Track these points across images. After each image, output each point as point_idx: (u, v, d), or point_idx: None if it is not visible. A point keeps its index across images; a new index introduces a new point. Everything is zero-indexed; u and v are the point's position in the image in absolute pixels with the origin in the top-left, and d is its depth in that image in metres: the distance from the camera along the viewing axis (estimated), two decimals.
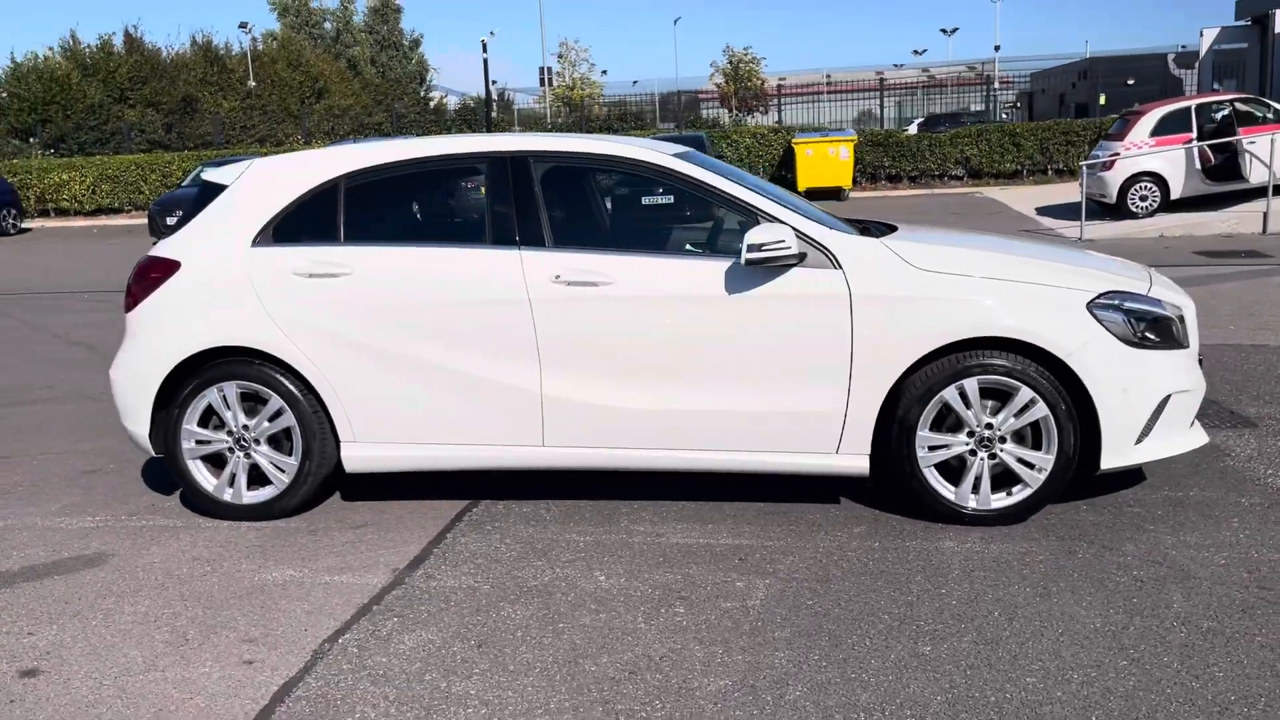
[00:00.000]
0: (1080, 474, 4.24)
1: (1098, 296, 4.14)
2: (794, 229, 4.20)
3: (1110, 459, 4.15)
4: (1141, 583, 3.64)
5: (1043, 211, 17.99)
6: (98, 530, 4.56)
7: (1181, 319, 4.32)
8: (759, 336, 4.20)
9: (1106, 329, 4.09)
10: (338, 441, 4.51)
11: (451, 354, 4.36)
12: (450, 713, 2.96)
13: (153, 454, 4.65)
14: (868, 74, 46.91)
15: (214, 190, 4.73)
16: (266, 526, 4.52)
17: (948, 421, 4.20)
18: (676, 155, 4.49)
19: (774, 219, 4.24)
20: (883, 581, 3.73)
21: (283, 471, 4.54)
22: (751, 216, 4.27)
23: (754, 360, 4.22)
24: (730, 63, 40.29)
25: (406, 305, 4.37)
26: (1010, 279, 4.15)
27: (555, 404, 4.33)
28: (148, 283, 4.61)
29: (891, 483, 4.35)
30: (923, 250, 4.27)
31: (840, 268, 4.18)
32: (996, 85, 40.48)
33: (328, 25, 56.30)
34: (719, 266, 4.22)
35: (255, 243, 4.54)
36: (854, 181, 22.89)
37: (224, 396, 4.51)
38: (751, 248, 4.05)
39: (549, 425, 4.36)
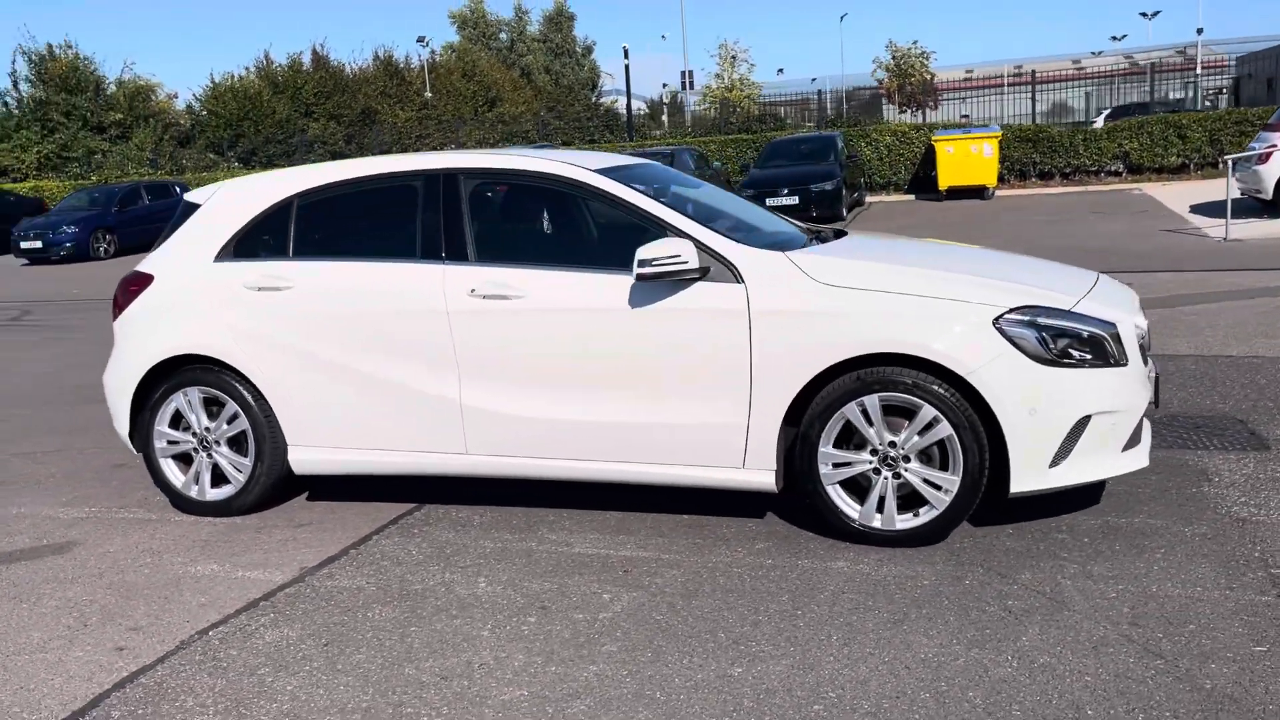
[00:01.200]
0: (990, 497, 4.06)
1: (1007, 312, 3.95)
2: (700, 243, 4.20)
3: (1020, 482, 3.96)
4: (1008, 613, 3.48)
5: (1196, 209, 16.83)
6: (84, 520, 5.01)
7: (1117, 336, 4.07)
8: (662, 350, 4.22)
9: (1015, 346, 3.91)
10: (287, 445, 4.79)
11: (382, 364, 4.57)
12: (258, 706, 3.15)
13: (134, 452, 5.06)
14: (1063, 63, 44.71)
15: (192, 209, 5.10)
16: (222, 522, 4.85)
17: (854, 439, 4.11)
18: (601, 169, 4.55)
19: (681, 233, 4.24)
20: (746, 600, 3.70)
21: (240, 472, 4.86)
22: (660, 230, 4.29)
23: (658, 373, 4.24)
24: (894, 58, 39.30)
25: (341, 317, 4.61)
26: (914, 294, 4.02)
27: (474, 413, 4.48)
28: (128, 294, 5.03)
29: (799, 499, 4.28)
30: (827, 264, 4.19)
31: (742, 282, 4.16)
32: (1199, 70, 37.88)
33: (503, 36, 58.23)
34: (626, 281, 4.26)
35: (217, 258, 4.88)
36: (1001, 179, 21.99)
37: (189, 401, 4.87)
38: (641, 263, 4.08)
39: (470, 434, 4.51)
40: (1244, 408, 5.66)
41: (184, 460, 4.98)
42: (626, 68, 31.76)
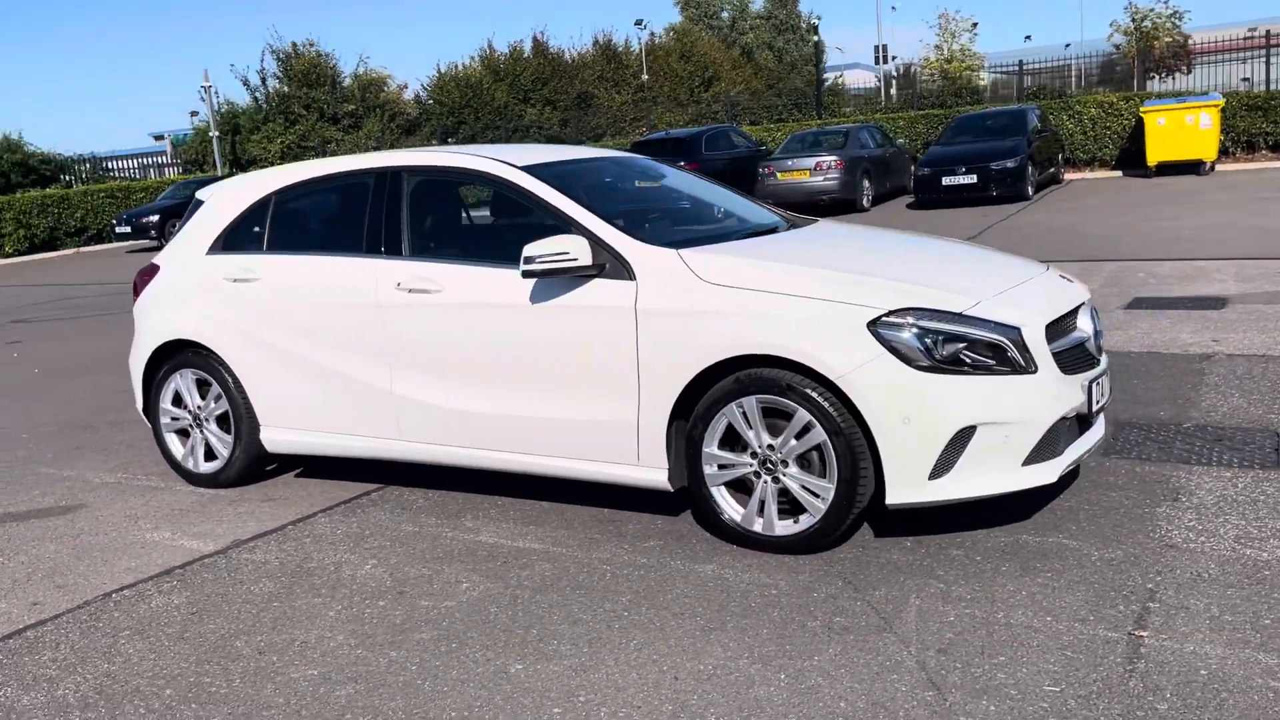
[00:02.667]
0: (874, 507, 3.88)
1: (885, 314, 3.74)
2: (598, 239, 4.21)
3: (897, 494, 3.76)
4: (824, 630, 3.34)
5: None
6: (109, 486, 5.59)
7: (1020, 342, 3.77)
8: (560, 346, 4.27)
9: (891, 350, 3.70)
10: (259, 425, 5.17)
11: (331, 353, 4.85)
12: (93, 667, 3.48)
13: (149, 425, 5.60)
14: None
15: (198, 206, 5.56)
16: (209, 493, 5.30)
17: (740, 440, 4.02)
18: (529, 165, 4.61)
19: (583, 229, 4.26)
20: (589, 597, 3.72)
21: (224, 448, 5.29)
22: (565, 226, 4.33)
23: (557, 369, 4.30)
24: (1133, 20, 36.39)
25: (298, 307, 4.93)
26: (793, 294, 3.88)
27: (403, 402, 4.69)
28: (141, 284, 5.56)
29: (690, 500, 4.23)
30: (717, 262, 4.10)
31: (634, 279, 4.14)
32: None
33: (725, 14, 58.15)
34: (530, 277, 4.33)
35: (209, 251, 5.31)
36: (1225, 152, 20.07)
37: (184, 381, 5.34)
38: (527, 259, 4.14)
39: (401, 422, 4.72)
40: None
41: (184, 435, 5.46)
42: (816, 44, 31.10)
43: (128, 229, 26.38)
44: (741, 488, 4.05)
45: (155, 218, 26.10)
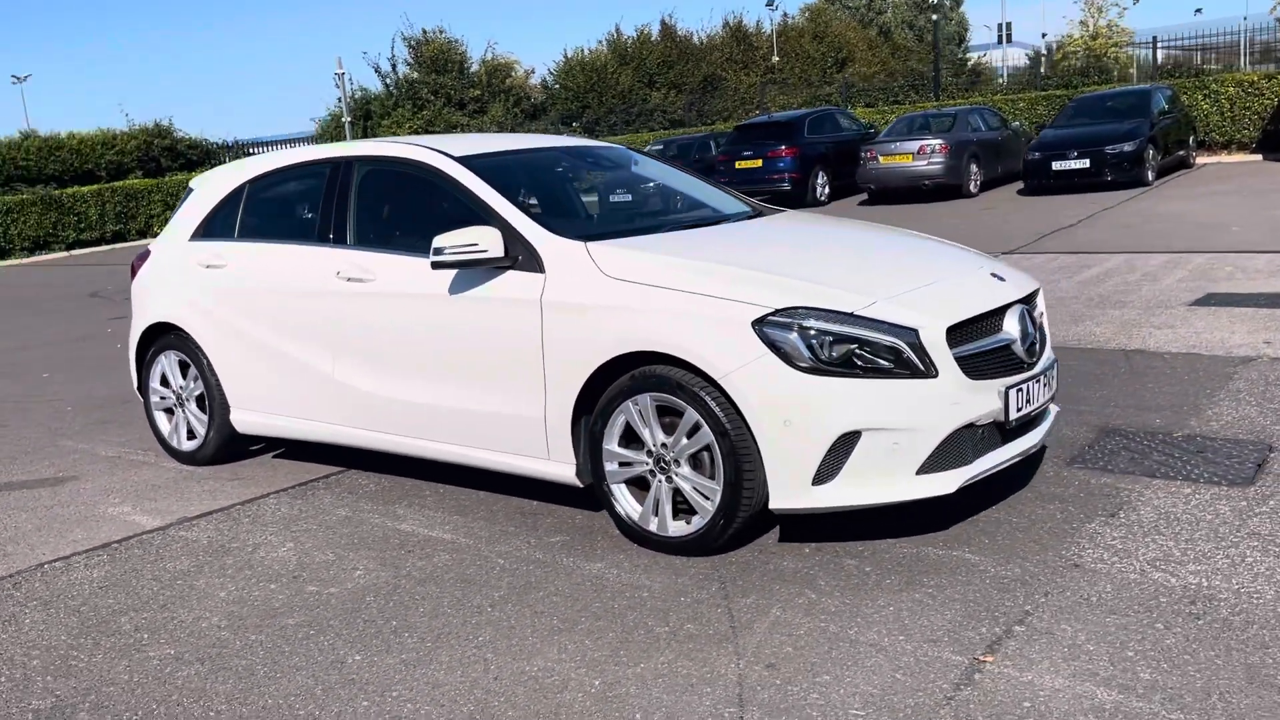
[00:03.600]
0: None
1: (771, 313, 3.60)
2: (514, 231, 4.20)
3: (780, 499, 3.64)
4: (669, 636, 3.26)
5: None
6: (103, 459, 5.89)
7: (918, 345, 3.58)
8: (475, 337, 4.28)
9: (774, 349, 3.57)
10: (230, 406, 5.35)
11: (285, 338, 4.99)
12: None
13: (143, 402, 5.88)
14: None
15: (189, 194, 5.78)
16: (187, 469, 5.52)
17: (640, 438, 3.96)
18: (465, 155, 4.62)
19: (501, 220, 4.26)
20: (465, 591, 3.73)
21: (201, 427, 5.50)
22: (486, 216, 4.32)
23: (474, 360, 4.31)
24: None
25: (258, 294, 5.08)
26: (684, 290, 3.78)
27: (343, 388, 4.78)
28: (136, 267, 5.82)
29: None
30: (619, 256, 4.02)
31: (544, 271, 4.11)
32: None
33: None
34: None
35: (191, 238, 5.52)
36: None
37: (168, 362, 5.58)
38: (436, 250, 4.15)
39: (344, 408, 4.82)
40: None
41: (170, 414, 5.70)
42: (935, 21, 29.97)
43: None
44: (645, 486, 3.97)
45: None
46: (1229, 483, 4.20)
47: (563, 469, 4.14)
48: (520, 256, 4.15)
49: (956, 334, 3.68)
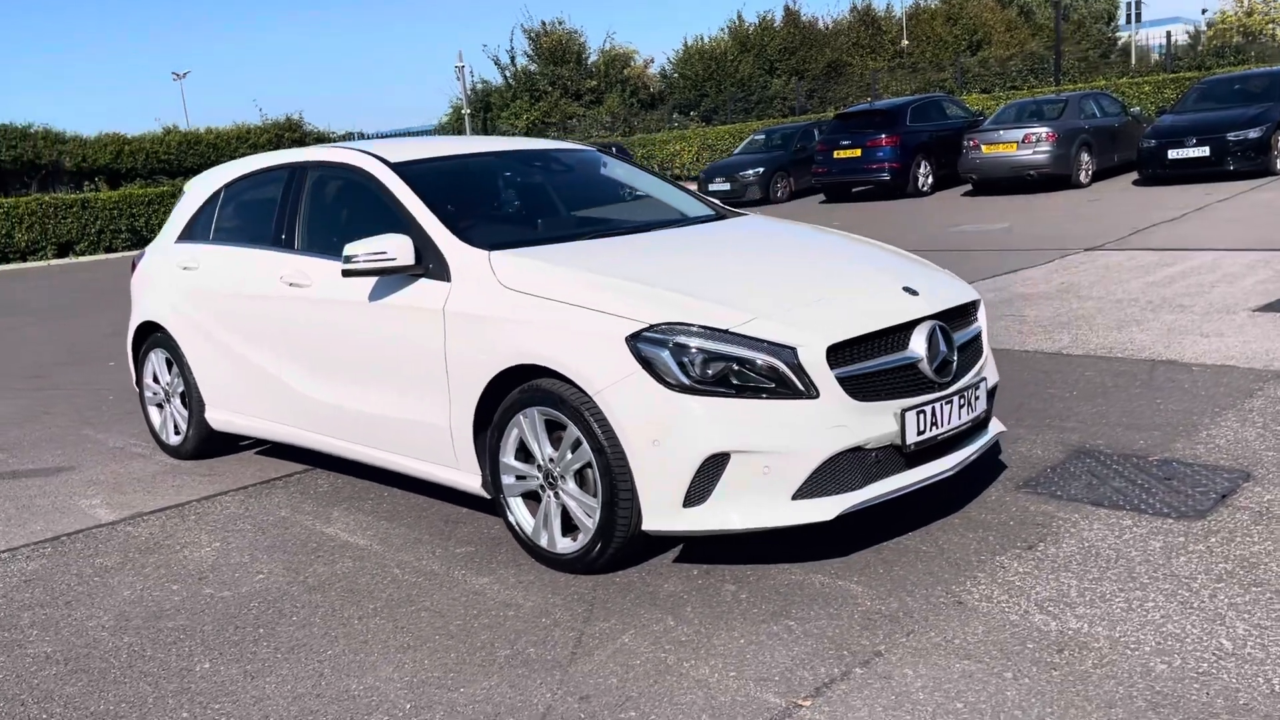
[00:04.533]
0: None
1: (645, 329, 3.49)
2: (428, 239, 4.19)
3: (652, 520, 3.53)
4: (488, 657, 3.20)
5: None
6: (108, 450, 6.15)
7: (796, 364, 3.42)
8: (391, 344, 4.29)
9: (646, 366, 3.46)
10: (205, 404, 5.52)
11: (241, 340, 5.11)
12: None
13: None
14: None
15: (181, 196, 5.98)
16: (170, 463, 5.73)
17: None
18: (399, 162, 4.62)
19: (418, 228, 4.25)
20: (348, 600, 3.74)
21: (184, 423, 5.69)
22: (406, 223, 4.32)
23: (390, 367, 4.32)
24: None
25: (220, 296, 5.22)
26: (571, 303, 3.70)
27: (288, 390, 4.87)
28: (134, 268, 6.05)
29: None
30: (518, 266, 3.96)
31: (450, 281, 4.09)
32: None
33: None
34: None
35: (178, 239, 5.71)
36: None
37: (158, 359, 5.79)
38: (346, 258, 4.17)
39: (291, 409, 4.91)
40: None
41: (160, 408, 5.91)
42: (1056, 2, 28.50)
43: None
44: (540, 500, 3.91)
45: None
46: (1178, 515, 3.87)
47: (470, 479, 4.11)
48: (432, 265, 4.13)
49: (843, 352, 3.49)
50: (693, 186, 4.94)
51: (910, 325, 3.67)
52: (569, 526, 3.78)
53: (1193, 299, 7.81)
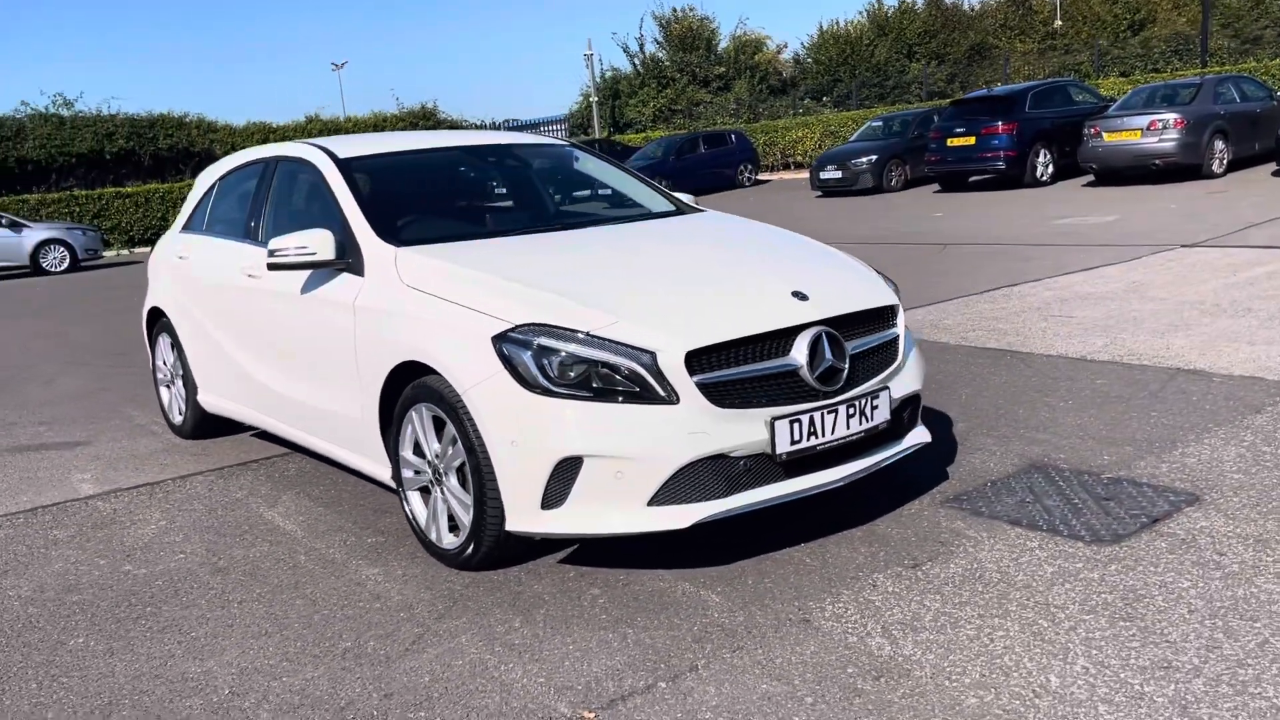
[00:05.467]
0: None
1: (511, 329, 3.48)
2: (351, 234, 4.29)
3: (514, 520, 3.53)
4: (321, 649, 3.26)
5: None
6: (127, 427, 6.51)
7: (655, 368, 3.36)
8: (319, 336, 4.41)
9: (509, 366, 3.46)
10: (197, 387, 5.79)
11: (216, 328, 5.34)
12: None
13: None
14: None
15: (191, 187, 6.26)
16: (172, 442, 6.03)
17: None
18: (347, 158, 4.72)
19: (346, 223, 4.35)
20: (242, 585, 3.87)
21: (184, 404, 5.99)
22: (339, 218, 4.43)
23: (317, 357, 4.44)
24: None
25: (201, 285, 5.46)
26: (452, 301, 3.72)
27: (250, 377, 5.06)
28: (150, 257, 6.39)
29: None
30: (418, 263, 4.01)
31: (363, 276, 4.18)
32: None
33: None
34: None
35: (180, 230, 6.00)
36: None
37: (164, 343, 6.10)
38: (270, 252, 4.29)
39: (253, 395, 5.11)
40: (1236, 484, 4.00)
41: (167, 389, 6.22)
42: None
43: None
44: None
45: None
46: (1092, 540, 3.63)
47: (382, 470, 4.19)
48: (351, 260, 4.22)
49: (708, 358, 3.40)
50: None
51: (793, 331, 3.54)
52: (456, 523, 3.81)
53: (1263, 303, 7.27)
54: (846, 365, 3.62)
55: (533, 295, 3.58)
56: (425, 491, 3.95)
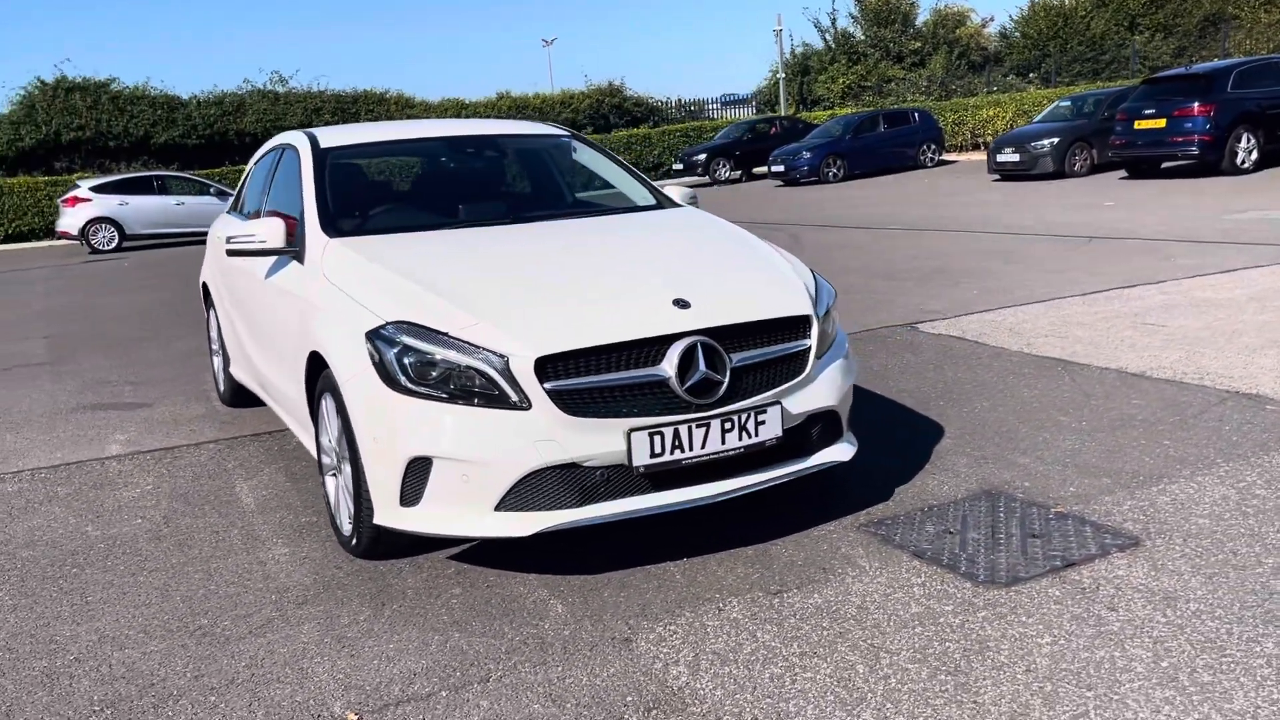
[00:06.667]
0: None
1: (383, 326, 3.52)
2: (303, 223, 4.45)
3: (379, 515, 3.58)
4: (173, 629, 3.42)
5: None
6: (193, 393, 6.97)
7: (506, 372, 3.33)
8: (275, 319, 4.60)
9: (376, 363, 3.50)
10: (229, 359, 6.14)
11: (233, 305, 5.65)
12: None
13: None
14: None
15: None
16: (217, 409, 6.42)
17: None
18: (328, 148, 4.87)
19: (302, 213, 4.51)
20: (142, 556, 4.08)
21: (221, 374, 6.36)
22: (299, 206, 4.59)
23: (275, 340, 4.63)
24: None
25: (224, 265, 5.78)
26: (348, 294, 3.80)
27: (244, 351, 5.33)
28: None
29: None
30: (340, 255, 4.10)
31: (304, 264, 4.33)
32: None
33: None
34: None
35: (228, 210, 6.36)
36: None
37: (212, 316, 6.50)
38: (227, 239, 4.50)
39: (252, 368, 5.38)
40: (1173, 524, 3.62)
41: (216, 359, 6.62)
42: None
43: (680, 166, 29.15)
44: None
45: (702, 156, 28.50)
46: (984, 580, 3.35)
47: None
48: (299, 249, 4.36)
49: (564, 364, 3.32)
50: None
51: (667, 340, 3.41)
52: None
53: None
54: (726, 378, 3.45)
55: (412, 293, 3.60)
56: (335, 477, 4.05)
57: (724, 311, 3.53)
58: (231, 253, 4.46)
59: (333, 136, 4.99)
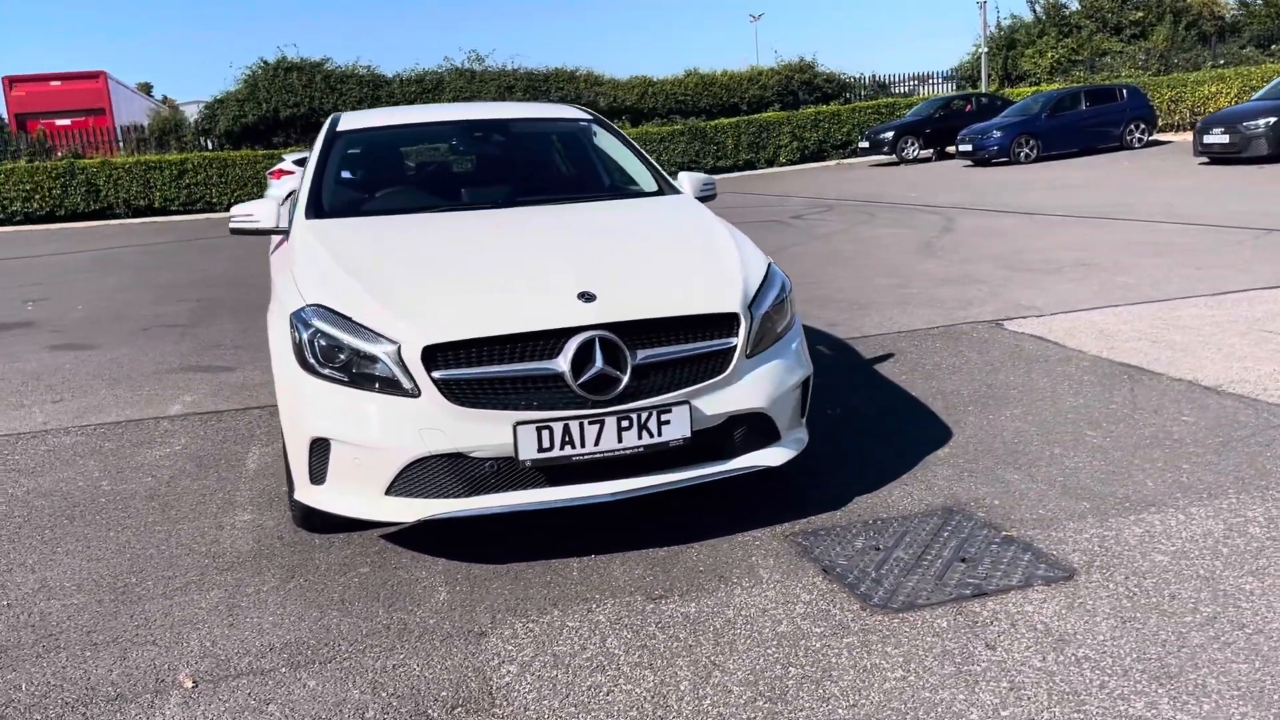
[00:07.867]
0: None
1: (303, 307, 3.63)
2: (294, 207, 4.64)
3: (297, 491, 3.70)
4: (124, 591, 3.65)
5: None
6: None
7: (397, 359, 3.37)
8: (272, 294, 4.81)
9: (295, 343, 3.61)
10: None
11: None
12: None
13: None
14: None
15: None
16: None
17: None
18: (350, 130, 5.05)
19: (301, 191, 4.71)
20: (146, 514, 4.38)
21: None
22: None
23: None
24: None
25: None
26: (298, 274, 3.91)
27: None
28: None
29: None
30: (303, 237, 4.24)
31: (289, 242, 4.51)
32: None
33: None
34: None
35: None
36: None
37: None
38: (232, 217, 4.73)
39: None
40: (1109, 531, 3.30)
41: None
42: None
43: (866, 144, 28.35)
44: None
45: (889, 134, 27.60)
46: (876, 604, 3.14)
47: None
48: (289, 229, 4.54)
49: (454, 353, 3.32)
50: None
51: (565, 333, 3.35)
52: None
53: None
54: (627, 375, 3.35)
55: (335, 277, 3.68)
56: None
57: (632, 307, 3.43)
58: (234, 231, 4.67)
59: (354, 119, 5.14)
